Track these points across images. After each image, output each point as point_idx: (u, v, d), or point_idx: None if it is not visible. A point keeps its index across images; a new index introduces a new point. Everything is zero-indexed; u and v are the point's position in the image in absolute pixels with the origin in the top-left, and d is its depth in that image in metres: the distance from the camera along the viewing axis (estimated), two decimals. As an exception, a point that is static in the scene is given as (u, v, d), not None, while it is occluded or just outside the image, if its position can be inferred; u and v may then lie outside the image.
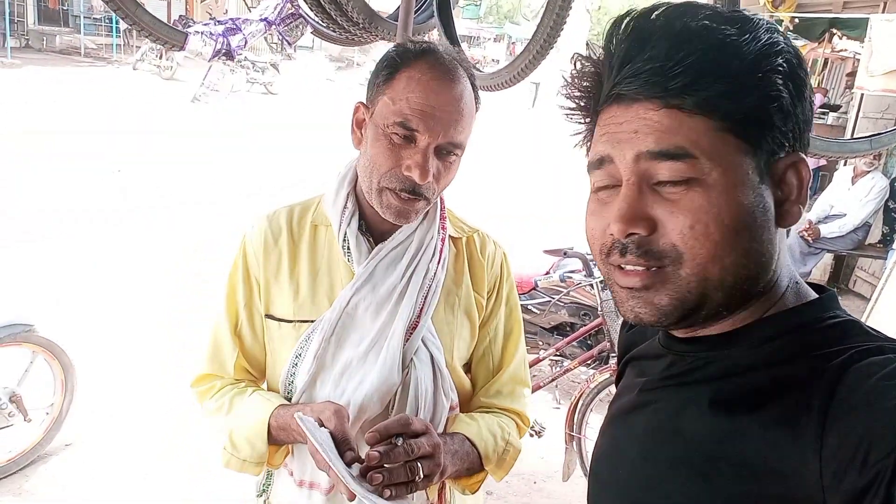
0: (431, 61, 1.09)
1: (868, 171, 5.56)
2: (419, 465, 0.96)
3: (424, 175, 1.06)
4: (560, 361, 3.77)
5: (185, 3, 21.19)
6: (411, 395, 1.12)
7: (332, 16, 2.49)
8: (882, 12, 5.52)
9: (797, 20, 6.85)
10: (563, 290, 3.66)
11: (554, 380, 3.62)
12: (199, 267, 5.36)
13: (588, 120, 0.71)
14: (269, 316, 1.20)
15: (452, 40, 2.95)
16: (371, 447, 0.95)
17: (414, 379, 1.13)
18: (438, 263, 1.18)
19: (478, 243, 1.28)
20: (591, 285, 3.34)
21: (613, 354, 3.15)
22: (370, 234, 1.19)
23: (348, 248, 1.16)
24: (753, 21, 0.62)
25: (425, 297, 1.15)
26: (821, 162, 6.64)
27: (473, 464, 1.15)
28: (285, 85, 16.96)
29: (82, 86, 13.67)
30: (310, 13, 2.60)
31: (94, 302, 4.70)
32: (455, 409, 1.21)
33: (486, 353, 1.28)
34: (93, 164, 8.25)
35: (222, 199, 7.60)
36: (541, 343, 3.83)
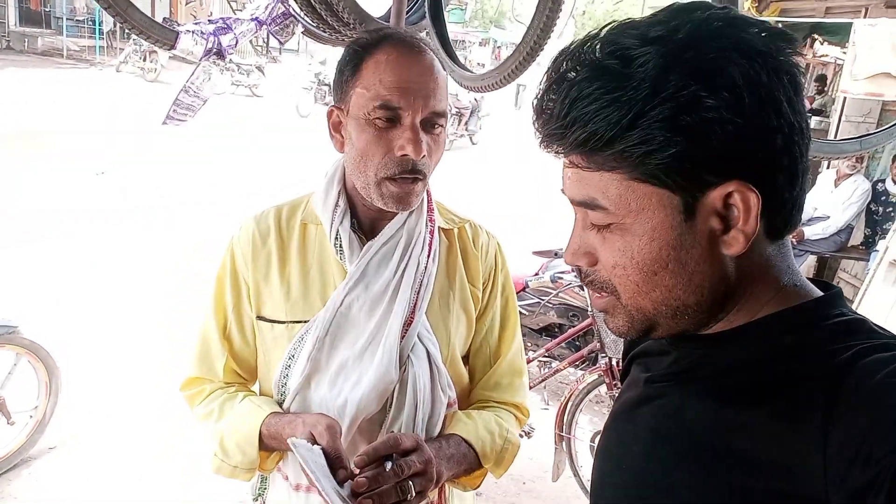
0: (393, 41, 1.09)
1: (850, 174, 5.63)
2: (410, 483, 0.95)
3: (418, 149, 1.05)
4: (549, 362, 3.78)
5: (170, 4, 21.05)
6: (409, 393, 1.11)
7: (323, 16, 2.48)
8: (864, 17, 5.60)
9: (780, 25, 6.92)
10: (552, 291, 3.66)
11: (543, 381, 3.63)
12: (199, 267, 5.32)
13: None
14: (260, 318, 1.18)
15: (444, 41, 2.96)
16: (360, 471, 0.94)
17: (411, 376, 1.12)
18: (429, 256, 1.17)
19: (470, 234, 1.27)
20: (581, 286, 3.35)
21: (603, 355, 3.16)
22: (362, 231, 1.18)
23: (340, 247, 1.15)
24: (640, 59, 0.58)
25: (418, 292, 1.14)
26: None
27: (471, 464, 1.15)
28: (270, 87, 16.88)
29: (68, 87, 13.54)
30: (300, 13, 2.59)
31: (94, 302, 4.67)
32: (453, 406, 1.20)
33: (483, 344, 1.27)
34: (90, 165, 8.19)
35: (222, 199, 7.59)
36: (529, 344, 3.83)
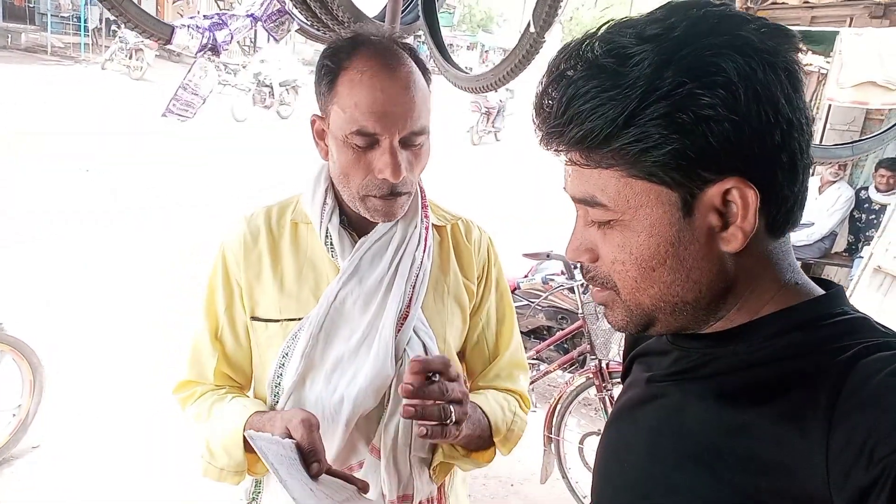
0: (366, 54, 1.05)
1: (834, 181, 5.71)
2: (451, 408, 0.97)
3: (397, 173, 1.04)
4: (537, 365, 3.78)
5: (156, 3, 20.91)
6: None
7: (318, 14, 2.47)
8: (849, 26, 5.68)
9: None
10: (542, 293, 3.67)
11: (532, 383, 3.63)
12: (194, 269, 5.29)
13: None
14: (254, 318, 1.18)
15: (438, 42, 2.97)
16: (411, 375, 0.96)
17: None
18: (424, 252, 1.17)
19: (462, 230, 1.27)
20: (572, 288, 3.36)
21: (592, 357, 3.17)
22: (352, 228, 1.18)
23: (331, 244, 1.14)
24: (636, 57, 0.59)
25: (413, 287, 1.14)
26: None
27: (484, 433, 1.15)
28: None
29: (53, 85, 13.38)
30: (295, 11, 2.58)
31: (84, 303, 4.62)
32: None
33: (480, 340, 1.28)
34: (78, 165, 8.11)
35: (216, 200, 7.54)
36: (518, 347, 3.83)
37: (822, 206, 5.68)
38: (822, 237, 5.68)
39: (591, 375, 3.08)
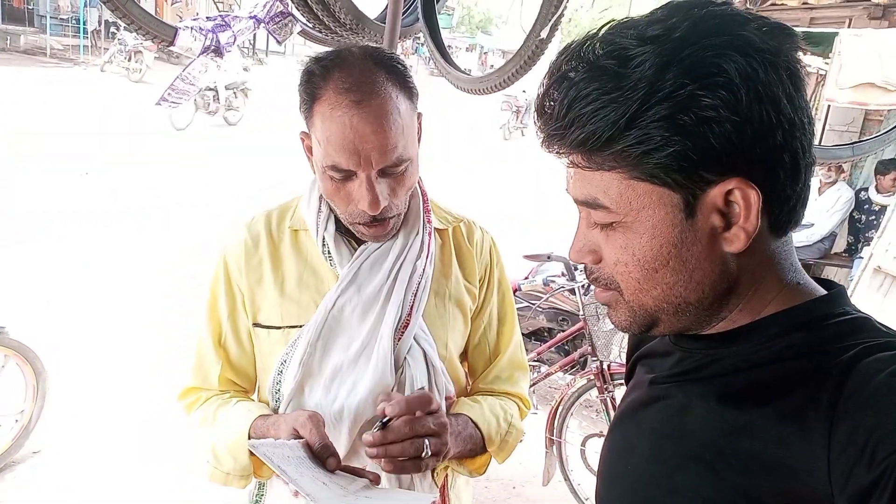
0: (338, 86, 1.00)
1: (834, 183, 5.72)
2: (426, 441, 0.97)
3: (375, 206, 1.02)
4: (538, 367, 3.78)
5: (155, 5, 20.90)
6: (406, 395, 1.11)
7: (320, 16, 2.48)
8: (848, 28, 5.69)
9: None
10: (542, 295, 3.67)
11: (533, 385, 3.63)
12: (195, 269, 5.29)
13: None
14: (256, 324, 1.17)
15: (438, 44, 2.97)
16: (381, 420, 0.96)
17: (409, 378, 1.11)
18: (426, 260, 1.16)
19: (464, 232, 1.26)
20: (573, 290, 3.36)
21: (593, 359, 3.17)
22: (350, 235, 1.17)
23: (328, 252, 1.14)
24: (637, 59, 0.58)
25: (415, 295, 1.14)
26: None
27: (476, 445, 1.15)
28: (257, 89, 16.78)
29: (53, 87, 13.37)
30: (297, 13, 2.58)
31: (85, 303, 4.62)
32: (451, 399, 1.20)
33: (481, 341, 1.27)
34: (78, 166, 8.12)
35: (216, 201, 7.54)
36: (519, 348, 3.83)
37: (821, 207, 5.68)
38: (821, 238, 5.68)
39: (593, 377, 3.08)
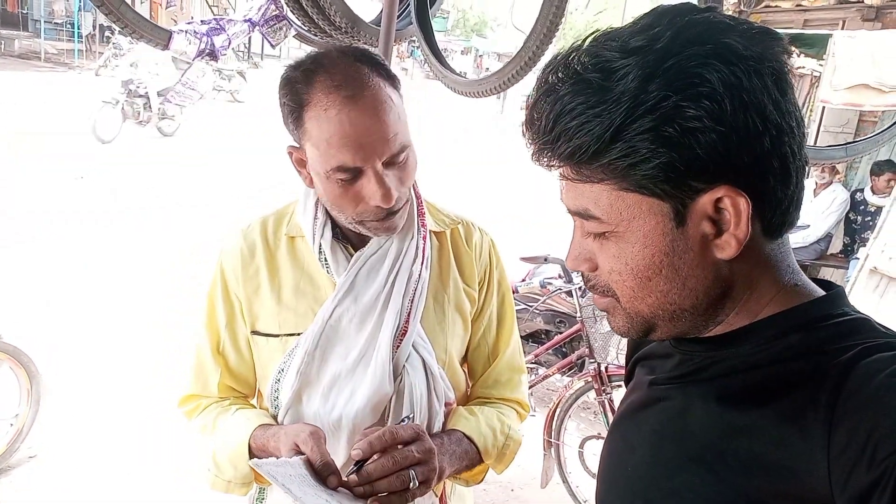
0: (325, 86, 0.99)
1: (829, 184, 5.73)
2: (412, 472, 0.94)
3: (389, 198, 1.01)
4: (536, 369, 3.78)
5: (150, 9, 20.88)
6: (405, 403, 1.10)
7: (315, 19, 2.47)
8: (841, 29, 5.72)
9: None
10: (540, 297, 3.67)
11: (531, 387, 3.63)
12: (195, 269, 5.27)
13: None
14: (255, 332, 1.16)
15: (433, 47, 2.96)
16: (356, 464, 0.93)
17: (408, 386, 1.10)
18: (422, 264, 1.14)
19: (462, 234, 1.24)
20: (570, 292, 3.36)
21: (591, 361, 3.17)
22: (347, 241, 1.16)
23: (325, 260, 1.13)
24: (621, 71, 0.58)
25: (412, 301, 1.12)
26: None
27: (473, 460, 1.14)
28: (251, 93, 16.77)
29: (48, 90, 13.35)
30: (292, 16, 2.58)
31: (85, 304, 4.62)
32: (452, 405, 1.19)
33: (481, 343, 1.26)
34: (78, 166, 8.12)
35: (216, 201, 7.53)
36: (517, 350, 3.83)
37: (817, 209, 5.70)
38: (817, 239, 5.70)
39: (590, 379, 3.08)
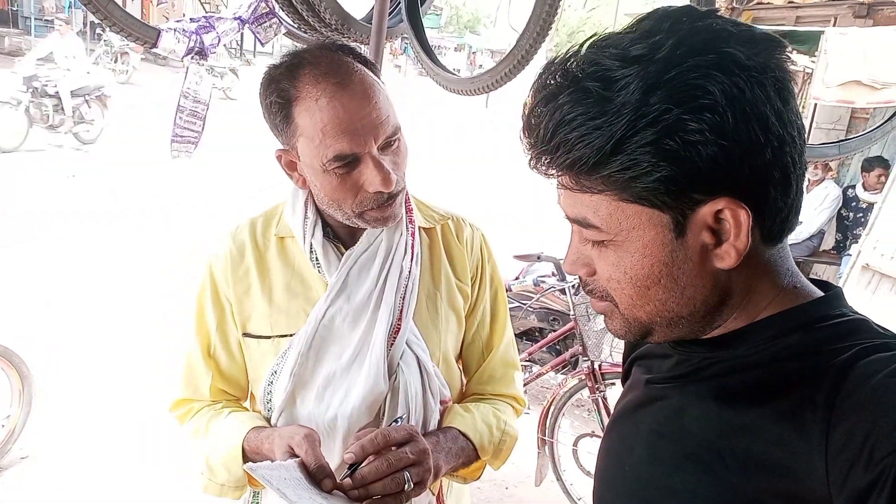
0: (312, 77, 1.00)
1: (821, 181, 5.76)
2: (406, 474, 0.94)
3: (389, 182, 1.01)
4: (529, 367, 3.78)
5: (141, 6, 20.76)
6: (400, 401, 1.09)
7: (305, 17, 2.46)
8: (833, 26, 5.73)
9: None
10: (533, 295, 3.67)
11: (524, 385, 3.63)
12: (195, 269, 5.24)
13: None
14: (246, 334, 1.16)
15: (423, 44, 2.95)
16: (349, 467, 0.92)
17: (402, 384, 1.09)
18: (412, 260, 1.14)
19: (453, 229, 1.24)
20: (564, 290, 3.36)
21: (584, 359, 3.17)
22: (338, 239, 1.15)
23: (316, 259, 1.12)
24: (622, 81, 0.58)
25: (403, 298, 1.12)
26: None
27: (469, 457, 1.14)
28: (244, 90, 16.71)
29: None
30: (282, 14, 2.57)
31: (85, 303, 4.61)
32: (447, 403, 1.18)
33: (475, 339, 1.25)
34: (76, 167, 8.13)
35: (217, 200, 7.52)
36: (510, 348, 3.84)
37: (809, 205, 5.73)
38: (810, 236, 5.73)
39: (584, 377, 3.08)
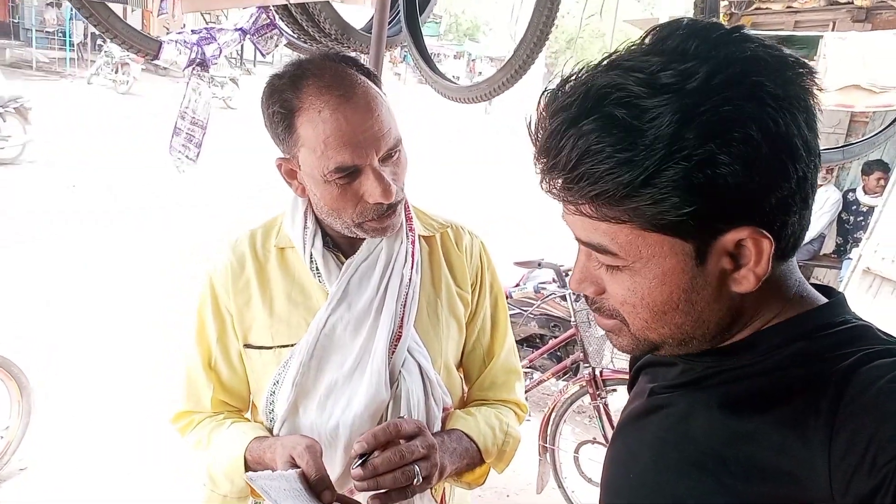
0: (315, 89, 1.00)
1: (821, 185, 5.76)
2: (416, 467, 0.94)
3: (389, 193, 1.02)
4: (530, 374, 3.77)
5: (142, 17, 20.83)
6: (403, 408, 1.09)
7: (306, 28, 2.47)
8: (832, 31, 5.74)
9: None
10: (534, 301, 3.67)
11: (525, 392, 3.62)
12: (195, 269, 5.26)
13: None
14: (247, 345, 1.16)
15: (422, 52, 2.96)
16: (359, 457, 0.93)
17: (404, 391, 1.09)
18: (412, 268, 1.14)
19: (452, 237, 1.25)
20: (565, 296, 3.36)
21: (586, 365, 3.17)
22: (338, 248, 1.16)
23: (317, 269, 1.12)
24: (652, 111, 0.55)
25: (404, 306, 1.12)
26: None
27: (473, 459, 1.14)
28: (244, 100, 16.75)
29: (40, 99, 13.32)
30: (283, 25, 2.58)
31: (85, 303, 4.63)
32: (449, 410, 1.18)
33: (476, 346, 1.26)
34: (78, 171, 8.15)
35: (217, 200, 7.55)
36: (511, 355, 3.83)
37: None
38: (810, 240, 5.72)
39: (585, 383, 3.07)
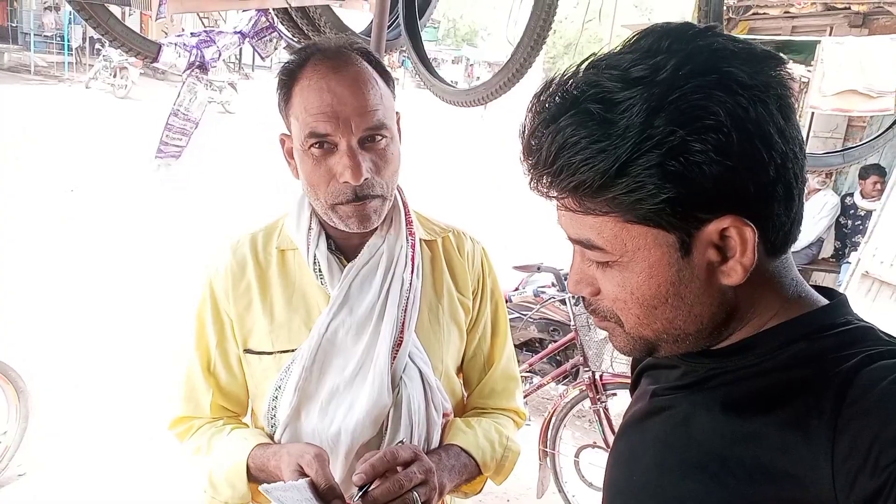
0: (316, 62, 1.05)
1: (820, 189, 5.78)
2: (415, 494, 0.94)
3: (357, 174, 1.01)
4: (530, 378, 3.77)
5: (140, 21, 20.86)
6: (404, 414, 1.09)
7: (305, 31, 2.47)
8: (829, 36, 5.76)
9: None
10: (533, 306, 3.67)
11: (525, 397, 3.61)
12: (193, 274, 5.26)
13: None
14: (247, 351, 1.15)
15: (421, 57, 2.97)
16: (359, 489, 0.92)
17: (405, 397, 1.09)
18: (412, 273, 1.14)
19: (454, 243, 1.24)
20: (564, 300, 3.36)
21: (585, 369, 3.16)
22: (340, 252, 1.15)
23: (320, 271, 1.12)
24: (624, 104, 0.57)
25: (405, 310, 1.11)
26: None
27: (472, 474, 1.14)
28: (242, 104, 16.76)
29: (38, 103, 13.32)
30: (282, 28, 2.58)
31: (84, 304, 4.63)
32: (449, 416, 1.18)
33: (476, 353, 1.26)
34: (70, 182, 8.12)
35: (216, 200, 7.58)
36: (511, 360, 3.83)
37: (808, 214, 5.73)
38: (809, 244, 5.74)
39: (585, 388, 3.07)
